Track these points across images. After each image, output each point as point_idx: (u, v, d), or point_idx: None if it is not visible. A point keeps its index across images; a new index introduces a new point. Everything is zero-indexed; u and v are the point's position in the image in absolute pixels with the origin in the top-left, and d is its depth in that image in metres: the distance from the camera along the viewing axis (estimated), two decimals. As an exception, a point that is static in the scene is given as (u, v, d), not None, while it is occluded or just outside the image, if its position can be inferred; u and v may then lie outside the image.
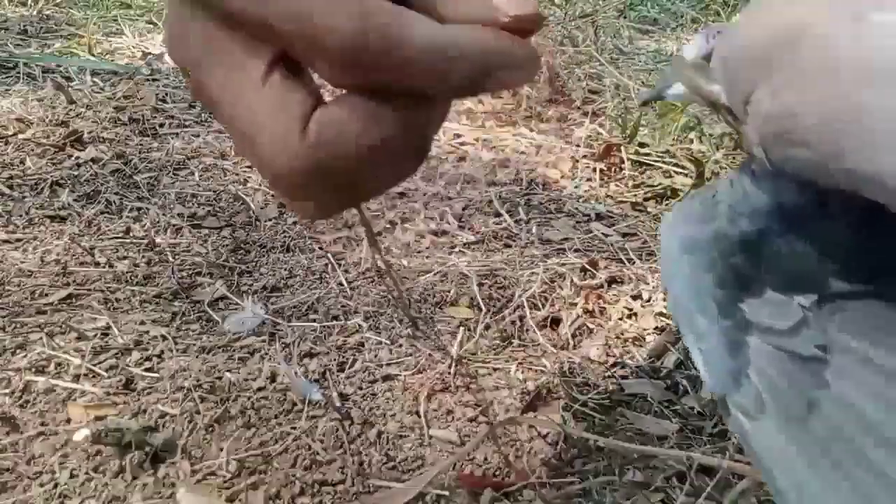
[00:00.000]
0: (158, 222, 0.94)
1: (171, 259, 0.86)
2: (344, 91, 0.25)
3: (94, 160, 1.08)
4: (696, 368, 0.32)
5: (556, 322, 0.79)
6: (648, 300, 0.83)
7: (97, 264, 0.84)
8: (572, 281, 0.85)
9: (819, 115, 0.27)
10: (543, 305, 0.81)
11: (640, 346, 0.76)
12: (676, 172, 1.18)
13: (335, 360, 0.71)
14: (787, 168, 0.30)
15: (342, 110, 0.24)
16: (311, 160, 0.24)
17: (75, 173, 1.04)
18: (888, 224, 0.29)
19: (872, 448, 0.29)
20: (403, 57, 0.23)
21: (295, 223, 0.97)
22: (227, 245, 0.90)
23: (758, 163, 0.32)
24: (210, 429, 0.62)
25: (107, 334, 0.72)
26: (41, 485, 0.55)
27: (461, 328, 0.76)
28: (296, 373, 0.68)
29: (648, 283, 0.86)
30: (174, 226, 0.93)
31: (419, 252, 0.92)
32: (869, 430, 0.29)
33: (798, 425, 0.30)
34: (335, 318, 0.77)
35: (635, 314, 0.81)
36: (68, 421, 0.62)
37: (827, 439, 0.30)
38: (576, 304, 0.81)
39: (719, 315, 0.32)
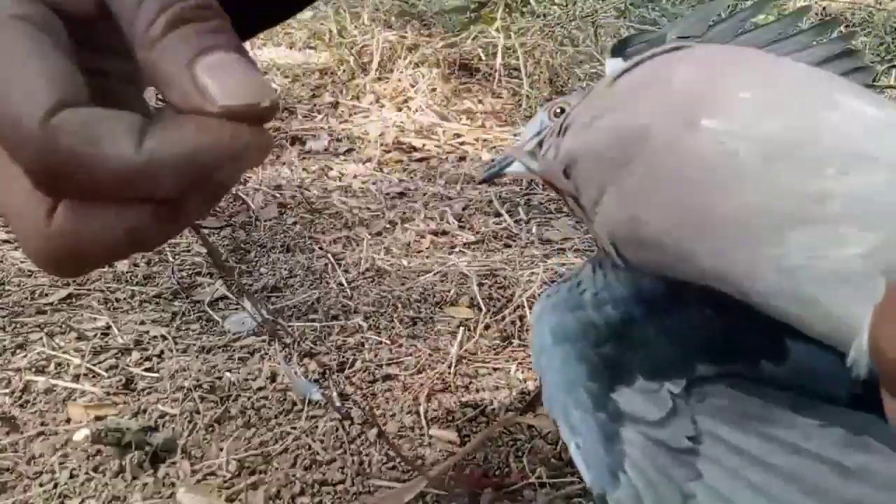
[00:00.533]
0: (158, 222, 0.94)
1: (171, 259, 0.86)
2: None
3: (94, 160, 1.08)
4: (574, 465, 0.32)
5: (556, 322, 0.79)
6: (648, 300, 0.83)
7: (97, 264, 0.84)
8: (572, 281, 0.85)
9: (666, 221, 0.28)
10: (543, 305, 0.81)
11: (640, 346, 0.76)
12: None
13: (335, 360, 0.71)
14: (639, 265, 0.31)
15: (95, 206, 0.22)
16: (59, 247, 0.23)
17: (75, 173, 1.04)
18: (741, 309, 0.29)
19: None
20: (98, 180, 0.21)
21: (295, 223, 0.97)
22: (227, 245, 0.90)
23: (610, 258, 0.33)
24: (210, 429, 0.62)
25: (107, 334, 0.72)
26: (41, 485, 0.55)
27: (461, 328, 0.76)
28: (296, 372, 0.68)
29: (648, 283, 0.86)
30: (174, 226, 0.93)
31: (419, 252, 0.92)
32: None
33: None
34: (335, 318, 0.77)
35: (635, 314, 0.81)
36: (68, 421, 0.62)
37: None
38: (576, 304, 0.81)
39: (593, 407, 0.32)
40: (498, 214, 1.02)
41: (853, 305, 0.24)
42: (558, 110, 0.38)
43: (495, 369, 0.72)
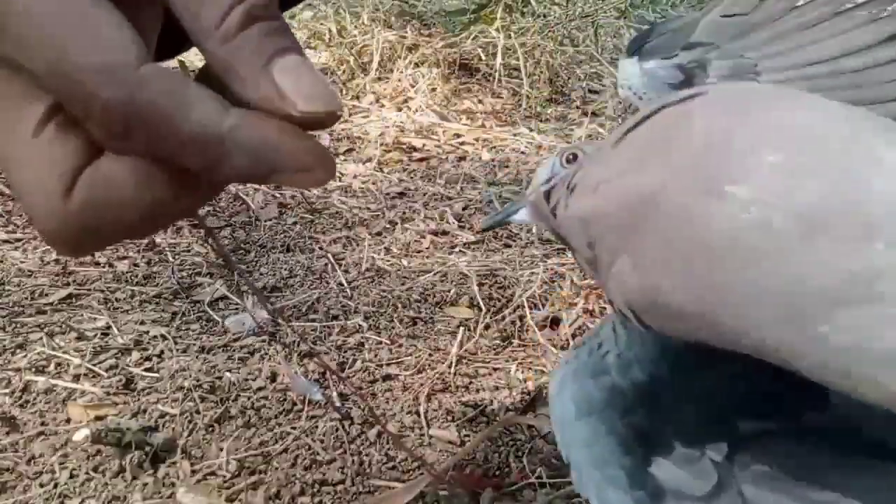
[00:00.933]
0: (158, 222, 0.94)
1: (170, 259, 0.86)
2: None
3: (94, 160, 1.08)
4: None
5: (556, 322, 0.79)
6: (648, 300, 0.83)
7: (97, 264, 0.84)
8: (572, 281, 0.85)
9: (688, 292, 0.26)
10: (543, 305, 0.81)
11: (641, 346, 0.76)
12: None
13: (335, 359, 0.71)
14: (661, 331, 0.29)
15: (114, 169, 0.22)
16: (76, 224, 0.23)
17: (75, 173, 1.04)
18: (772, 368, 0.27)
19: None
20: (172, 138, 0.21)
21: (295, 223, 0.97)
22: (227, 245, 0.90)
23: (628, 321, 0.30)
24: (210, 429, 0.62)
25: (107, 334, 0.72)
26: (41, 485, 0.55)
27: (461, 328, 0.76)
28: (296, 372, 0.68)
29: (648, 283, 0.86)
30: (174, 225, 0.93)
31: (419, 252, 0.92)
32: None
33: None
34: (335, 318, 0.77)
35: (635, 314, 0.81)
36: (68, 421, 0.62)
37: None
38: (576, 304, 0.81)
39: (630, 486, 0.29)
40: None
41: None
42: (571, 157, 0.35)
43: (495, 369, 0.72)
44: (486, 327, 0.77)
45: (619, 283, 0.28)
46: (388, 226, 0.97)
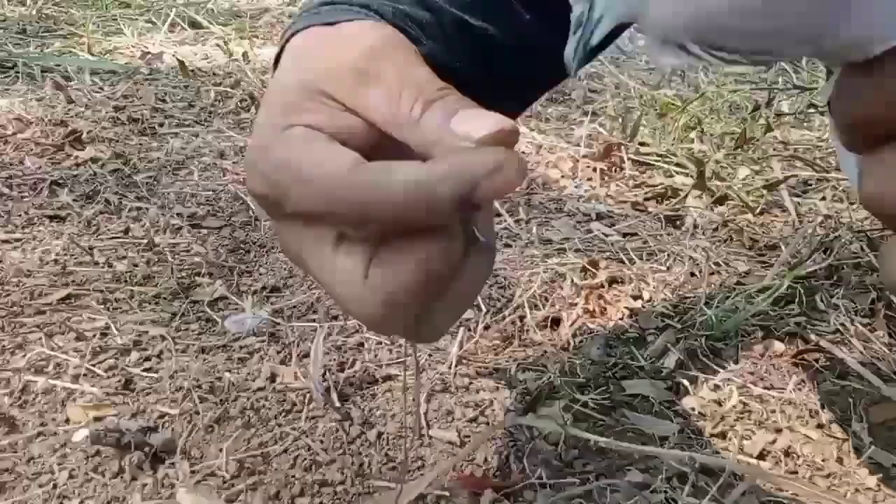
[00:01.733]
0: (158, 222, 0.94)
1: (170, 259, 0.86)
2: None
3: (93, 160, 1.08)
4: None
5: (556, 322, 0.79)
6: (649, 300, 0.83)
7: (96, 264, 0.84)
8: (572, 281, 0.85)
9: None
10: (543, 305, 0.81)
11: (640, 346, 0.76)
12: (677, 172, 1.18)
13: (335, 359, 0.71)
14: None
15: (387, 252, 0.29)
16: (377, 301, 0.29)
17: (74, 173, 1.04)
18: None
19: None
20: (395, 201, 0.27)
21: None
22: (226, 245, 0.90)
23: None
24: (210, 429, 0.61)
25: (106, 334, 0.72)
26: (40, 485, 0.55)
27: (461, 328, 0.76)
28: (321, 377, 0.68)
29: (648, 283, 0.86)
30: (173, 226, 0.93)
31: (419, 252, 0.92)
32: None
33: None
34: (335, 317, 0.77)
35: (635, 314, 0.81)
36: (67, 421, 0.61)
37: None
38: (576, 304, 0.81)
39: None
40: (498, 214, 1.02)
41: None
42: None
43: (495, 369, 0.72)
44: (486, 327, 0.77)
45: None
46: (387, 226, 0.97)
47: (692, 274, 0.89)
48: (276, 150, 0.30)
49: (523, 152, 1.25)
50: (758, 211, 1.07)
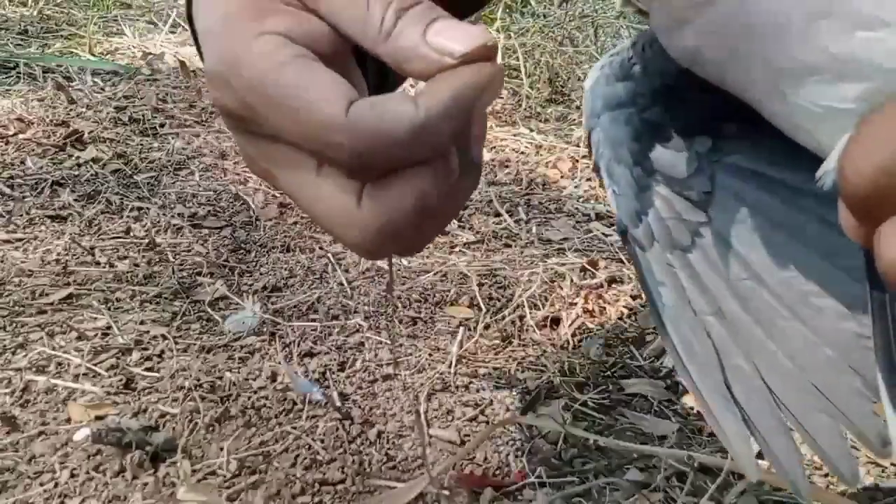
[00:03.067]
0: (159, 222, 0.94)
1: (171, 259, 0.86)
2: None
3: (94, 160, 1.08)
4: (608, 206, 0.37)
5: (556, 322, 0.79)
6: (648, 300, 0.83)
7: (97, 264, 0.84)
8: (572, 281, 0.85)
9: (723, 56, 0.32)
10: (543, 305, 0.81)
11: (640, 346, 0.76)
12: (676, 172, 1.18)
13: (335, 359, 0.71)
14: (689, 67, 0.35)
15: (383, 183, 0.28)
16: (372, 226, 0.28)
17: (76, 173, 1.04)
18: None
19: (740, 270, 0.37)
20: (395, 143, 0.26)
21: (295, 223, 0.97)
22: (227, 245, 0.90)
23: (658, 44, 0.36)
24: (210, 428, 0.62)
25: (107, 334, 0.72)
26: (41, 484, 0.55)
27: (461, 328, 0.76)
28: (296, 372, 0.68)
29: (648, 283, 0.86)
30: (174, 226, 0.93)
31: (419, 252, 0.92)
32: (733, 256, 0.37)
33: (680, 253, 0.37)
34: (335, 317, 0.78)
35: (635, 314, 0.81)
36: (68, 420, 0.62)
37: (702, 262, 0.37)
38: (576, 304, 0.81)
39: (632, 163, 0.38)
40: (498, 214, 1.02)
41: (837, 136, 0.28)
42: None
43: (495, 369, 0.72)
44: (486, 327, 0.77)
45: (668, 38, 0.33)
46: (388, 226, 0.97)
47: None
48: (250, 66, 0.28)
49: (522, 152, 1.25)
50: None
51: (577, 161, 1.19)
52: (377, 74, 0.35)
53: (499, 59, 1.61)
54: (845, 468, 0.34)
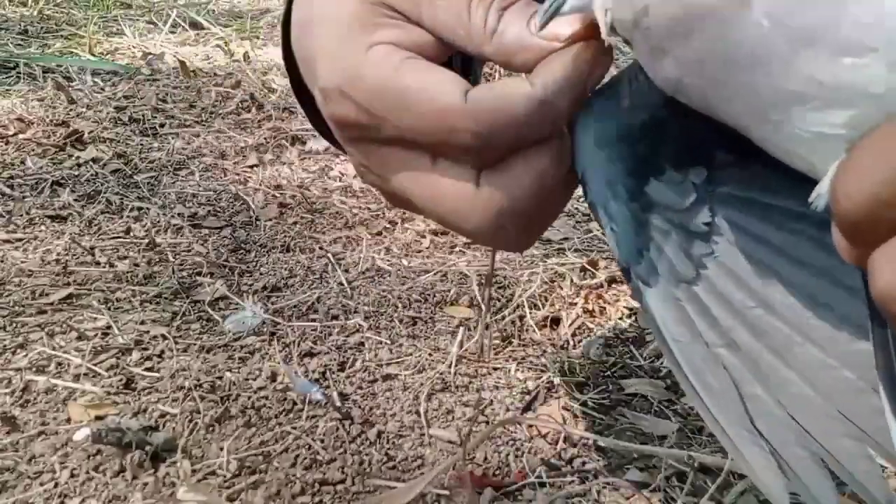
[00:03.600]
0: (159, 222, 0.94)
1: (171, 259, 0.86)
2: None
3: (94, 160, 1.08)
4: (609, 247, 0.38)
5: (556, 322, 0.79)
6: (648, 300, 0.83)
7: (97, 264, 0.84)
8: (572, 281, 0.85)
9: (707, 88, 0.31)
10: (543, 305, 0.81)
11: (640, 346, 0.76)
12: (676, 172, 1.18)
13: (335, 359, 0.71)
14: (673, 95, 0.35)
15: (502, 166, 0.29)
16: (490, 209, 0.30)
17: (76, 173, 1.04)
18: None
19: (749, 300, 0.37)
20: (516, 122, 0.28)
21: (295, 223, 0.97)
22: (227, 245, 0.90)
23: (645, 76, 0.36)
24: (210, 428, 0.62)
25: (107, 334, 0.72)
26: (41, 484, 0.55)
27: (461, 328, 0.76)
28: (296, 372, 0.68)
29: (648, 283, 0.86)
30: (174, 226, 0.93)
31: (419, 252, 0.92)
32: (740, 285, 0.37)
33: (685, 286, 0.37)
34: (335, 317, 0.78)
35: (635, 314, 0.81)
36: (68, 420, 0.62)
37: (709, 294, 0.37)
38: (576, 304, 0.81)
39: (629, 199, 0.38)
40: (498, 214, 1.02)
41: (829, 161, 0.28)
42: None
43: (495, 369, 0.72)
44: (486, 327, 0.77)
45: (653, 70, 0.33)
46: (388, 225, 0.97)
47: (692, 274, 0.89)
48: (369, 74, 0.30)
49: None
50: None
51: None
52: None
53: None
54: (878, 492, 0.33)
